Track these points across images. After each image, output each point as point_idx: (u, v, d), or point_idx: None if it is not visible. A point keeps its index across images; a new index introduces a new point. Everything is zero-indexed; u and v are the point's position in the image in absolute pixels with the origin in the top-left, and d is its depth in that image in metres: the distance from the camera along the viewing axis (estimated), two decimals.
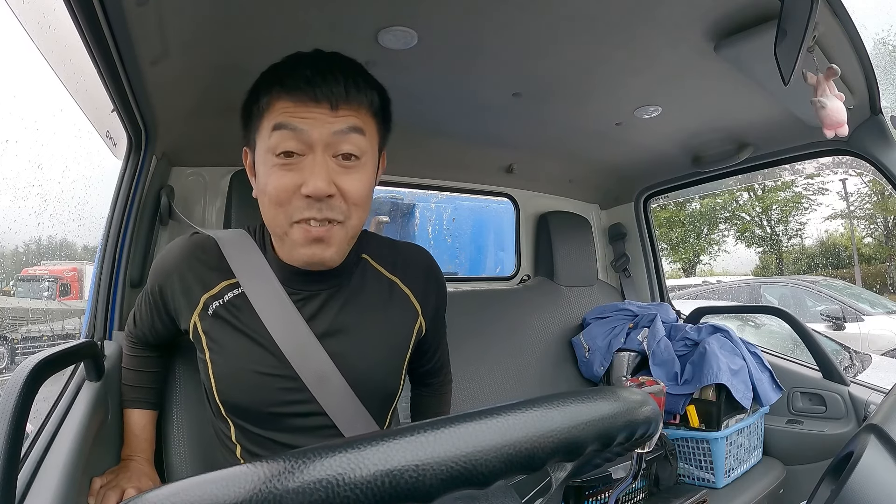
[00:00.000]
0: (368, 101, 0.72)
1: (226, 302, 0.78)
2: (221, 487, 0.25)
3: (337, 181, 0.69)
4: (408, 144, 1.49)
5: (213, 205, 1.36)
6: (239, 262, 0.79)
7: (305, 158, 0.69)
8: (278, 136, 0.68)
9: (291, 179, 0.68)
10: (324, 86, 0.68)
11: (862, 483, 0.46)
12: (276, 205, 0.70)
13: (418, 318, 0.87)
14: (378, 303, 0.83)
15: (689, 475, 1.52)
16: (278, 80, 0.69)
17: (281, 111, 0.69)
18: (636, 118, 1.39)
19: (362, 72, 0.73)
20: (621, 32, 0.98)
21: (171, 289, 0.81)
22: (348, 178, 0.70)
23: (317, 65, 0.70)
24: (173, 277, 0.80)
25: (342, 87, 0.68)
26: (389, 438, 0.27)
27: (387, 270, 0.85)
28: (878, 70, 1.11)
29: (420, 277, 0.88)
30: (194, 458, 1.03)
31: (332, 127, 0.68)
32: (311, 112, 0.68)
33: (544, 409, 0.32)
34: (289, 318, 0.77)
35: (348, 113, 0.70)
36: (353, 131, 0.70)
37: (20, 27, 0.83)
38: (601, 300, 2.01)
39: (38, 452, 0.76)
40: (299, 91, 0.68)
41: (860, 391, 1.57)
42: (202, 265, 0.80)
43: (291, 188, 0.68)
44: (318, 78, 0.68)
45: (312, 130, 0.68)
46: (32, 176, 7.11)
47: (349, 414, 0.78)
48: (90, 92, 0.95)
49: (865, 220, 17.35)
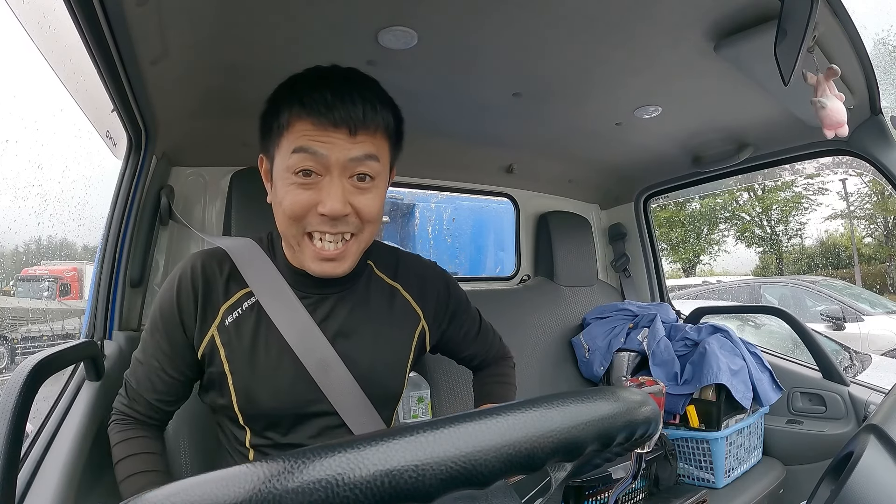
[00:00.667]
0: (385, 124, 0.75)
1: (242, 312, 0.80)
2: (221, 487, 0.25)
3: (352, 201, 0.73)
4: (408, 144, 1.48)
5: (213, 205, 1.36)
6: (252, 272, 0.81)
7: (323, 179, 0.72)
8: (298, 158, 0.71)
9: (308, 198, 0.72)
10: (342, 110, 0.70)
11: (862, 483, 0.46)
12: (292, 219, 0.73)
13: (419, 322, 0.91)
14: (382, 308, 0.87)
15: (689, 475, 1.52)
16: (299, 99, 0.71)
17: (301, 133, 0.71)
18: (636, 118, 1.39)
19: (379, 92, 0.76)
20: (621, 32, 0.98)
21: (189, 304, 0.80)
22: (363, 197, 0.74)
23: (337, 87, 0.72)
24: (191, 293, 0.80)
25: (360, 111, 0.71)
26: (389, 438, 0.27)
27: (388, 277, 0.90)
28: (878, 70, 1.11)
29: (418, 283, 0.92)
30: (194, 458, 1.03)
31: (350, 153, 0.71)
32: (329, 136, 0.71)
33: (544, 409, 0.32)
34: (302, 322, 0.80)
35: (365, 138, 0.73)
36: (369, 158, 0.73)
37: (20, 27, 0.83)
38: (601, 300, 2.01)
39: (38, 452, 0.76)
40: (319, 115, 0.70)
41: (860, 391, 1.57)
42: (218, 277, 0.81)
43: (308, 206, 0.72)
44: (337, 101, 0.70)
45: (331, 155, 0.71)
46: (32, 176, 7.12)
47: (362, 417, 0.81)
48: (90, 92, 0.95)
49: (865, 220, 17.36)
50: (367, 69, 1.03)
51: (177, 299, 0.79)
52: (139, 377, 0.82)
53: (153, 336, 0.82)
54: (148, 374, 0.82)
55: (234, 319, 0.80)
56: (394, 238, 3.67)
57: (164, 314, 0.80)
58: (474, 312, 1.04)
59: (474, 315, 1.03)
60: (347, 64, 0.77)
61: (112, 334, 1.05)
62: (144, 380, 0.82)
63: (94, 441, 0.82)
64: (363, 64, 1.02)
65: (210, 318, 0.80)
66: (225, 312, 0.80)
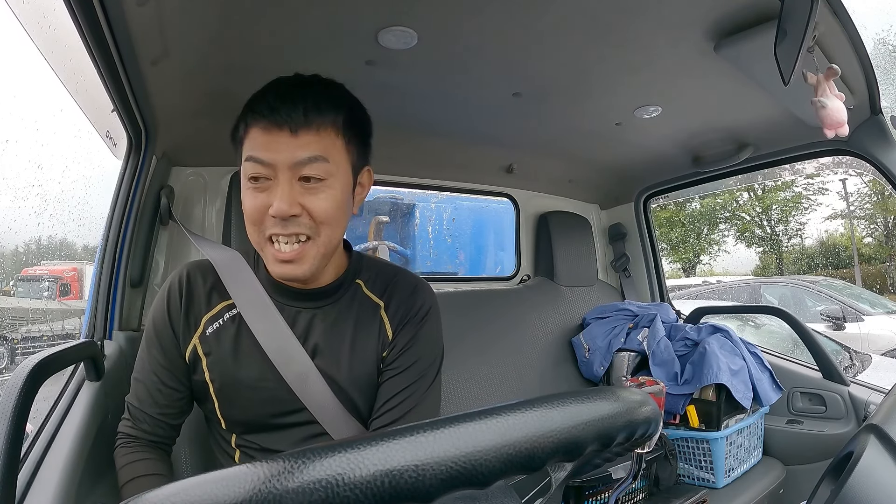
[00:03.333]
0: (331, 121, 0.75)
1: (223, 323, 0.82)
2: (221, 487, 0.25)
3: (302, 201, 0.74)
4: (407, 144, 1.49)
5: (213, 205, 1.36)
6: (234, 284, 0.83)
7: (272, 182, 0.74)
8: (249, 165, 0.74)
9: (262, 201, 0.74)
10: (283, 111, 0.72)
11: (862, 483, 0.46)
12: (252, 223, 0.76)
13: (388, 345, 0.85)
14: (362, 325, 0.84)
15: (689, 475, 1.52)
16: (250, 108, 0.75)
17: (251, 140, 0.74)
18: (636, 118, 1.39)
19: (327, 92, 0.76)
20: (621, 32, 0.97)
21: (176, 313, 0.82)
22: (313, 198, 0.74)
23: (283, 91, 0.74)
24: (178, 301, 0.83)
25: (300, 111, 0.72)
26: (389, 438, 0.27)
27: (376, 295, 0.87)
28: (878, 70, 1.11)
29: (400, 307, 0.86)
30: (194, 458, 1.03)
31: (294, 156, 0.72)
32: (274, 138, 0.72)
33: (544, 409, 0.32)
34: (282, 335, 0.80)
35: (309, 138, 0.73)
36: (315, 160, 0.73)
37: (20, 27, 0.83)
38: (601, 300, 2.01)
39: (38, 452, 0.76)
40: (263, 118, 0.73)
41: (860, 391, 1.57)
42: (202, 288, 0.83)
43: (262, 209, 0.74)
44: (278, 103, 0.72)
45: (275, 159, 0.72)
46: (32, 176, 7.12)
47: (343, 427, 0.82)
48: (90, 92, 0.95)
49: (865, 220, 17.36)
50: (366, 69, 1.04)
51: (167, 308, 0.82)
52: (140, 396, 0.84)
53: (149, 351, 0.84)
54: (148, 390, 0.83)
55: (215, 330, 0.81)
56: (394, 238, 3.67)
57: (156, 326, 0.83)
58: (428, 373, 0.86)
59: (427, 378, 0.85)
60: (347, 64, 0.77)
61: (112, 334, 1.05)
62: (146, 396, 0.83)
63: (94, 441, 0.82)
64: (363, 64, 1.02)
65: (193, 327, 0.82)
66: (206, 323, 0.82)
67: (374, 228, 2.73)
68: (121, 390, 0.91)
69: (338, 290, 0.85)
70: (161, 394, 0.83)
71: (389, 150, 1.48)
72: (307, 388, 0.79)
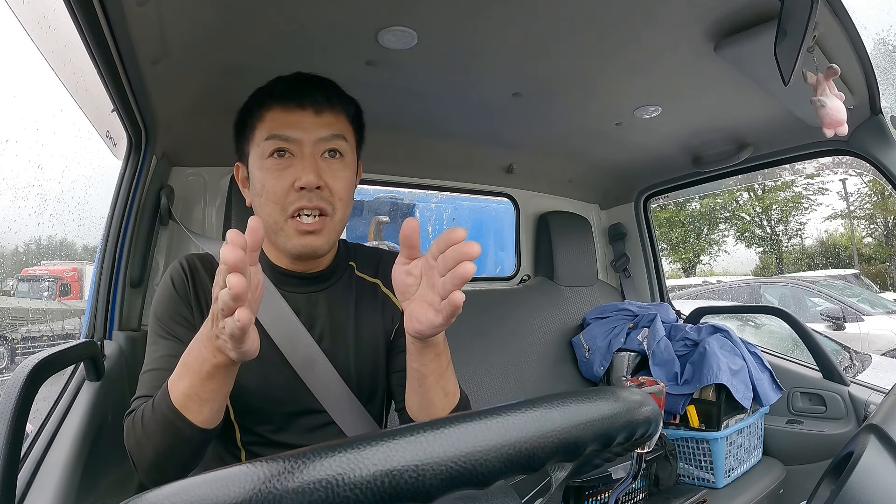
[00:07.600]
0: (344, 110, 0.82)
1: None
2: (222, 487, 0.25)
3: (324, 176, 0.78)
4: (407, 144, 1.49)
5: (213, 205, 1.36)
6: None
7: (296, 158, 0.78)
8: (271, 143, 0.77)
9: (287, 176, 0.77)
10: (307, 94, 0.78)
11: (862, 483, 0.46)
12: (273, 202, 0.77)
13: (399, 317, 0.89)
14: (363, 305, 0.88)
15: (689, 475, 1.52)
16: (268, 93, 0.79)
17: (271, 120, 0.78)
18: (636, 118, 1.39)
19: (336, 88, 0.83)
20: (621, 32, 0.98)
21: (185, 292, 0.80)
22: (333, 175, 0.79)
23: (301, 78, 0.81)
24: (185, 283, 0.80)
25: (324, 94, 0.79)
26: (389, 438, 0.27)
27: (369, 276, 0.91)
28: (878, 70, 1.11)
29: None
30: None
31: (318, 133, 0.78)
32: (298, 118, 0.77)
33: (544, 409, 0.32)
34: (287, 321, 0.81)
35: (331, 118, 0.79)
36: (337, 137, 0.80)
37: (20, 27, 0.83)
38: (601, 300, 2.01)
39: (38, 452, 0.76)
40: (287, 98, 0.77)
41: (860, 391, 1.57)
42: (205, 276, 0.82)
43: (287, 184, 0.77)
44: (300, 86, 0.78)
45: (301, 135, 0.77)
46: (32, 176, 7.12)
47: (351, 414, 0.82)
48: (90, 92, 0.95)
49: (865, 220, 17.36)
50: (366, 69, 1.04)
51: (174, 291, 0.79)
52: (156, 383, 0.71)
53: (157, 343, 0.78)
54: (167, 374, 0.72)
55: None
56: (394, 238, 3.66)
57: (166, 309, 0.79)
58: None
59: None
60: (347, 64, 0.78)
61: (112, 334, 1.05)
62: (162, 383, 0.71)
63: (94, 441, 0.82)
64: (363, 64, 1.02)
65: (200, 312, 0.80)
66: None
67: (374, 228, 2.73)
68: (121, 390, 0.91)
69: (335, 273, 0.87)
70: None
71: (390, 150, 1.49)
72: (314, 374, 0.80)
